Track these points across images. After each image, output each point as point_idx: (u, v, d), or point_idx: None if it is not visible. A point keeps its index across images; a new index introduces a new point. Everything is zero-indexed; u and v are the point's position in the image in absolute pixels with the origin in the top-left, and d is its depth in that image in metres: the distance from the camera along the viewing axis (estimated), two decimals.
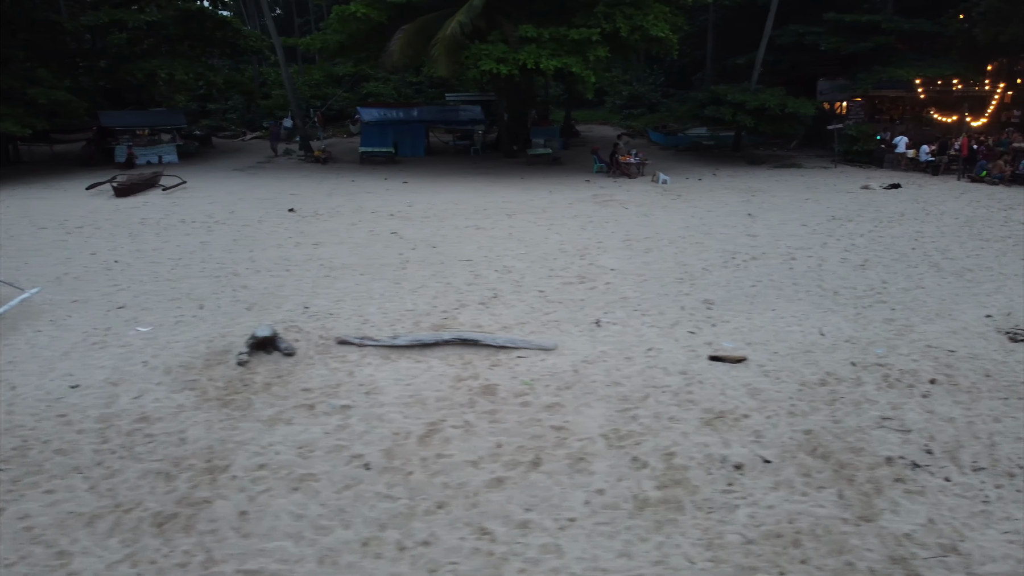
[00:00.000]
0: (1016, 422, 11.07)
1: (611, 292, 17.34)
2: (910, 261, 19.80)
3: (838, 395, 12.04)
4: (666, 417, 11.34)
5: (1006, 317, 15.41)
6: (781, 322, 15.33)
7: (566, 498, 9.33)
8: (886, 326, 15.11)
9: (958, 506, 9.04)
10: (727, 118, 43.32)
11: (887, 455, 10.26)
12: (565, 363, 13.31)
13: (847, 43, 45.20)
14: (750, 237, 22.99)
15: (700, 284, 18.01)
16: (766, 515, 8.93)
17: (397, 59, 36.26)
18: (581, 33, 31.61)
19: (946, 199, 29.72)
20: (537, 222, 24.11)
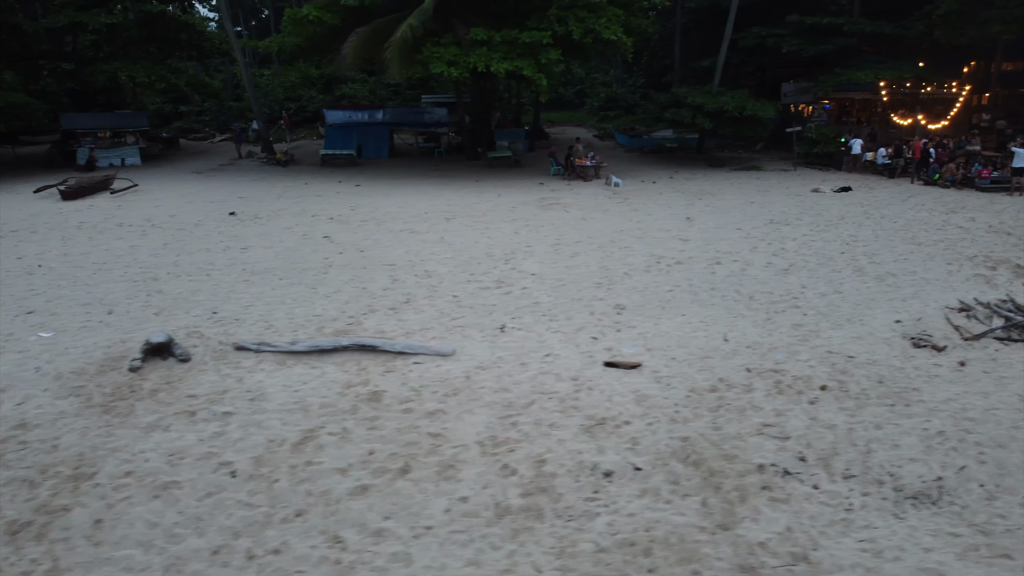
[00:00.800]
0: (897, 429, 11.01)
1: (525, 297, 17.22)
2: (835, 265, 19.75)
3: (725, 402, 11.96)
4: (546, 424, 11.24)
5: (916, 322, 15.36)
6: (688, 327, 15.25)
7: (427, 506, 9.24)
8: (793, 331, 15.05)
9: (820, 514, 8.97)
10: (687, 120, 43.38)
11: (760, 462, 10.18)
12: (459, 369, 13.22)
13: (809, 45, 45.08)
14: (681, 241, 22.92)
15: (617, 289, 17.91)
16: (625, 523, 8.85)
17: (350, 62, 36.19)
18: (532, 36, 31.53)
19: (892, 202, 29.68)
20: (474, 226, 24.03)
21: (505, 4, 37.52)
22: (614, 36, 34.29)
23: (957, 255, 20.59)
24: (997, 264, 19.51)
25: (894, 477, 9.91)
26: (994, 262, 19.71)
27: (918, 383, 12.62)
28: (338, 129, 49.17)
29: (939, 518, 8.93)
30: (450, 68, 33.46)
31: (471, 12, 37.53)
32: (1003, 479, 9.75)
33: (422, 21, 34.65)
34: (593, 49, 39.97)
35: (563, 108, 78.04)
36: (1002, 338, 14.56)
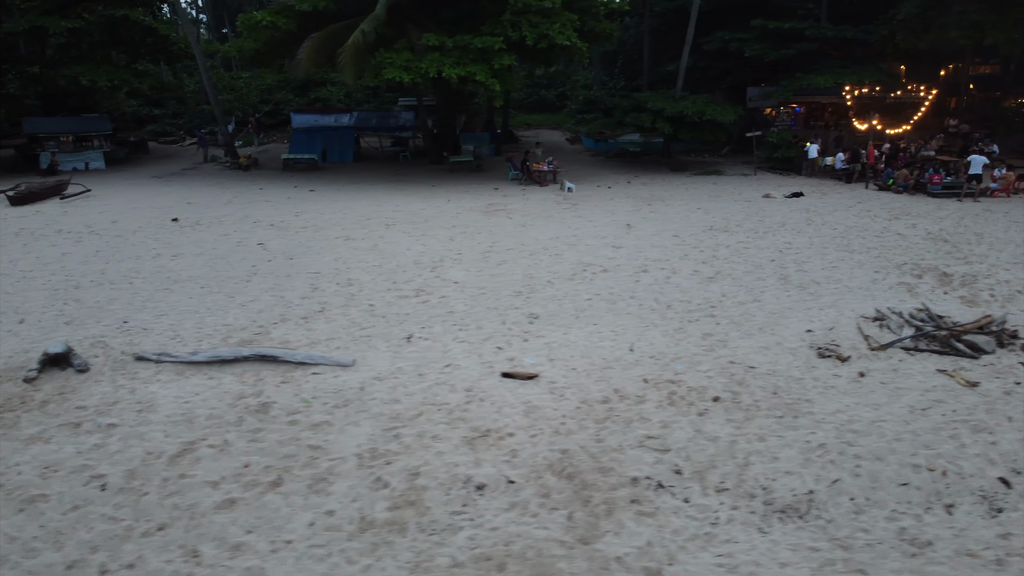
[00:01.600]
0: (780, 441, 10.98)
1: (442, 306, 17.18)
2: (761, 273, 19.73)
3: (614, 413, 11.91)
4: (430, 436, 11.22)
5: (827, 332, 15.36)
6: (596, 337, 15.21)
7: (291, 519, 9.18)
8: (701, 341, 15.02)
9: (684, 528, 8.94)
10: (647, 125, 43.21)
11: (635, 475, 10.15)
12: (355, 380, 13.18)
13: (771, 50, 45.11)
14: (614, 248, 22.88)
15: (536, 297, 17.85)
16: (486, 537, 8.81)
17: (305, 67, 36.05)
18: (485, 41, 31.43)
19: (838, 208, 29.74)
20: (411, 233, 24.00)
21: (460, 9, 37.39)
22: (567, 41, 34.19)
23: (887, 263, 20.57)
24: (924, 272, 19.50)
25: (767, 490, 9.82)
26: (922, 270, 19.69)
27: (812, 394, 12.54)
28: (303, 133, 49.11)
29: (803, 532, 8.86)
30: (403, 73, 33.15)
31: (426, 18, 37.45)
32: (874, 492, 9.70)
33: (374, 27, 34.57)
34: (554, 54, 39.59)
35: (544, 110, 77.75)
36: (909, 348, 14.51)
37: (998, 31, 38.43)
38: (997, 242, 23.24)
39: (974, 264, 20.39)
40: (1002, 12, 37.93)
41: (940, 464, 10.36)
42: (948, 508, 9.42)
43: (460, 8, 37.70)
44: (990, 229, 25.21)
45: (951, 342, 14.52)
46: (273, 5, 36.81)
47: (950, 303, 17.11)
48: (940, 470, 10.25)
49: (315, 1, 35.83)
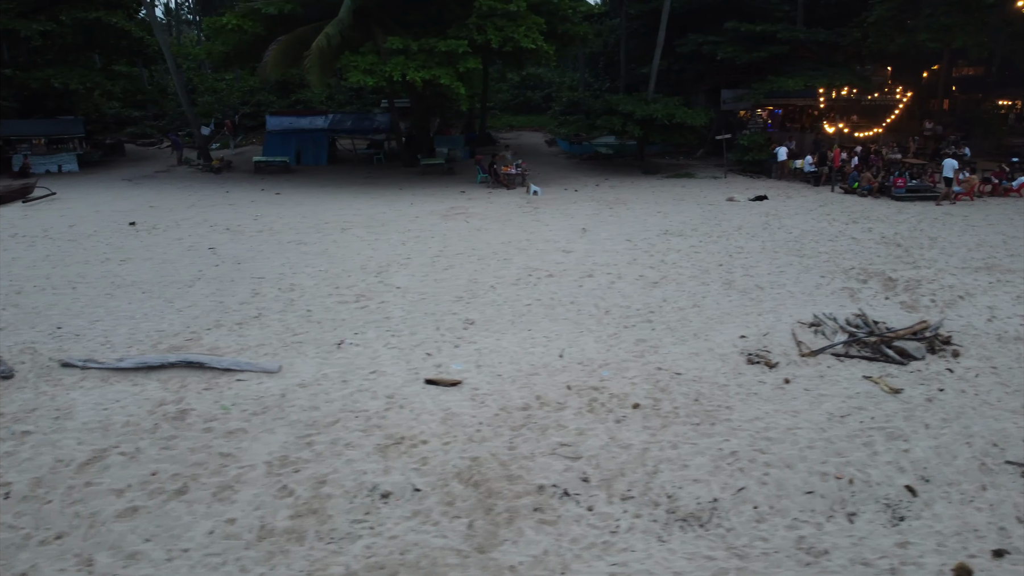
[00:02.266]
0: (693, 449, 11.00)
1: (379, 311, 17.17)
2: (707, 278, 19.77)
3: (532, 420, 11.91)
4: (343, 443, 11.19)
5: (761, 337, 15.38)
6: (528, 343, 15.20)
7: (192, 528, 9.14)
8: (634, 347, 15.05)
9: (583, 537, 8.91)
10: (617, 128, 43.13)
11: (541, 483, 10.13)
12: (278, 387, 13.14)
13: (743, 52, 45.11)
14: (564, 253, 22.88)
15: (476, 303, 17.86)
16: (383, 546, 8.80)
17: (271, 70, 35.97)
18: (449, 45, 31.54)
19: (799, 212, 29.79)
20: (365, 237, 24.11)
21: (426, 13, 37.36)
22: (532, 45, 34.21)
23: (834, 267, 20.62)
24: (870, 277, 19.55)
25: (672, 499, 9.82)
26: (868, 275, 19.73)
27: (734, 401, 12.56)
28: (277, 135, 49.05)
29: (701, 541, 8.86)
30: (366, 77, 33.11)
31: (393, 21, 37.41)
32: (779, 501, 9.70)
33: (339, 30, 34.58)
34: (524, 57, 39.56)
35: (531, 112, 77.59)
36: (840, 354, 14.51)
37: (966, 34, 38.41)
38: (950, 246, 23.27)
39: (922, 269, 20.38)
40: (970, 15, 37.81)
41: (848, 472, 10.34)
42: (850, 516, 9.41)
43: (426, 11, 37.69)
44: (945, 233, 25.24)
45: (882, 348, 14.54)
46: (239, 8, 36.46)
47: (890, 309, 17.09)
48: (847, 478, 10.21)
49: (281, 4, 35.72)
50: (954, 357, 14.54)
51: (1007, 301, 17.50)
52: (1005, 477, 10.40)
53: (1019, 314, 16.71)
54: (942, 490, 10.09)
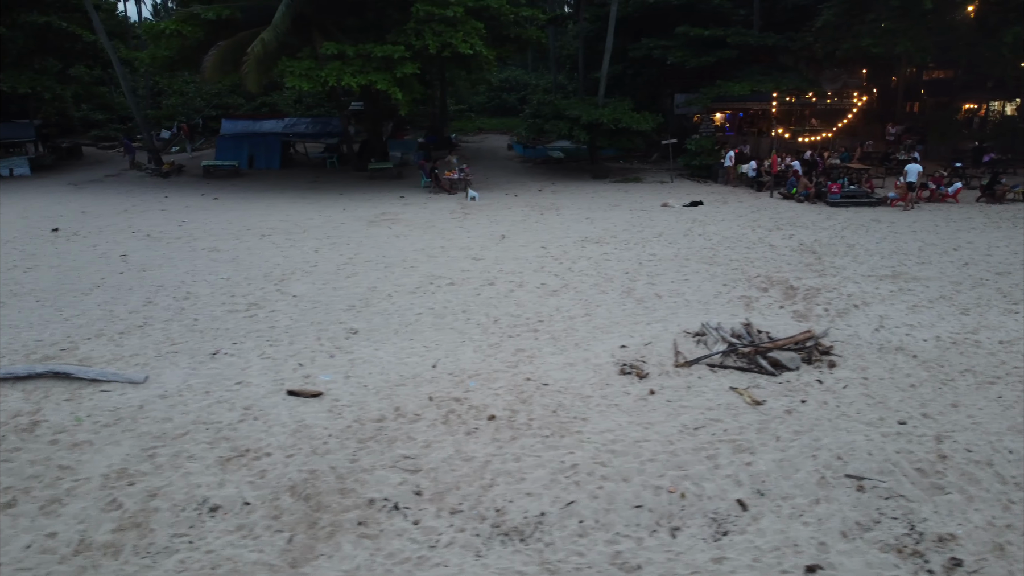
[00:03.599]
0: (535, 461, 11.02)
1: (267, 321, 17.12)
2: (608, 286, 19.80)
3: (383, 432, 11.90)
4: (186, 456, 11.12)
5: (642, 347, 15.43)
6: (406, 353, 15.18)
7: (10, 541, 9.07)
8: (510, 357, 15.05)
9: (400, 551, 8.91)
10: (564, 132, 43.11)
11: (373, 497, 10.09)
12: (139, 398, 13.08)
13: (692, 57, 45.18)
14: (473, 260, 22.86)
15: (367, 312, 17.84)
16: (197, 560, 8.77)
17: (209, 75, 35.89)
18: (385, 50, 31.63)
19: (728, 218, 29.90)
20: (281, 244, 24.30)
21: (365, 18, 37.32)
22: (470, 50, 34.14)
23: (740, 276, 20.65)
24: (772, 285, 19.57)
25: (500, 512, 9.79)
26: (771, 283, 19.77)
27: (592, 413, 12.53)
28: (230, 139, 48.96)
29: (518, 556, 8.84)
30: (302, 82, 33.04)
31: (334, 26, 37.38)
32: (606, 515, 9.69)
33: (275, 35, 34.57)
34: (473, 62, 39.48)
35: (506, 114, 77.40)
36: (714, 365, 14.45)
37: (908, 39, 38.54)
38: (864, 254, 23.35)
39: (827, 277, 20.42)
40: (912, 20, 37.97)
41: (683, 486, 10.33)
42: (674, 531, 9.40)
43: (365, 17, 37.59)
44: (864, 240, 25.34)
45: (756, 359, 14.47)
46: (178, 13, 36.35)
47: (781, 318, 17.14)
48: (679, 492, 10.06)
49: (219, 10, 35.71)
50: (829, 368, 14.49)
51: (901, 311, 17.49)
52: (841, 491, 10.41)
53: (909, 323, 16.68)
54: (775, 504, 10.05)
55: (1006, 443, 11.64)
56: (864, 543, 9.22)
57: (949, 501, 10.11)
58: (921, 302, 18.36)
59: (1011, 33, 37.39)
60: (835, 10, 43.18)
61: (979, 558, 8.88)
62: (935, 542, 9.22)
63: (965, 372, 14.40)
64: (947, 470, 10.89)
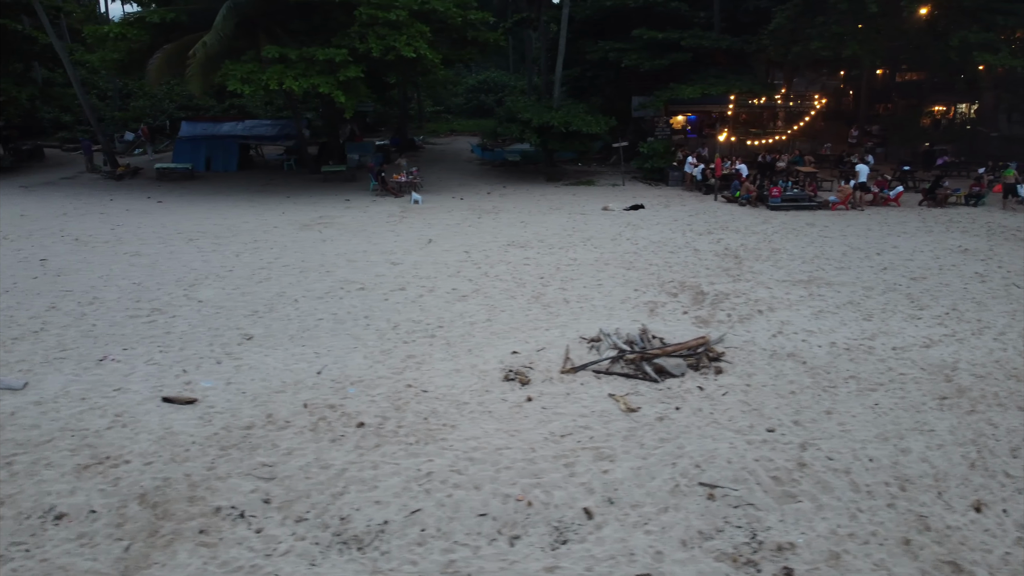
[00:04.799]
0: (392, 469, 11.16)
1: (165, 326, 17.11)
2: (519, 292, 19.90)
3: (248, 440, 12.00)
4: (44, 463, 11.14)
5: (534, 353, 15.56)
6: (295, 359, 15.26)
7: None
8: (399, 363, 15.18)
9: (234, 560, 9.04)
10: (516, 135, 43.13)
11: (221, 505, 10.12)
12: (12, 404, 13.06)
13: (646, 60, 45.20)
14: (391, 265, 22.87)
15: (269, 317, 17.88)
16: (29, 569, 8.82)
17: (154, 78, 35.94)
18: (327, 53, 31.63)
19: (663, 222, 30.02)
20: (205, 248, 24.46)
21: (311, 22, 37.18)
22: (413, 53, 34.08)
23: (654, 281, 20.77)
24: (683, 290, 19.71)
25: (344, 520, 9.84)
26: (683, 288, 19.91)
27: (462, 420, 12.61)
28: (187, 142, 48.76)
29: (352, 564, 8.92)
30: (243, 85, 33.01)
31: (280, 29, 37.30)
32: (449, 523, 9.75)
33: (218, 39, 34.45)
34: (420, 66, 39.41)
35: (484, 116, 77.19)
36: (600, 371, 14.47)
37: (856, 43, 38.69)
38: (787, 258, 23.52)
39: (741, 282, 20.52)
40: (860, 24, 38.17)
41: (534, 494, 10.31)
42: (513, 539, 9.44)
43: (312, 20, 37.43)
44: (791, 244, 25.48)
45: (642, 365, 14.50)
46: (124, 16, 36.24)
47: (681, 324, 17.27)
48: (527, 500, 10.09)
49: (164, 13, 35.70)
50: (716, 374, 14.58)
51: (805, 316, 17.62)
52: (691, 499, 10.51)
53: (808, 329, 16.77)
54: (622, 512, 10.12)
55: (869, 451, 11.76)
56: (702, 552, 9.29)
57: (798, 510, 10.21)
58: (828, 308, 18.35)
59: (957, 37, 37.36)
60: (788, 13, 43.20)
61: (812, 567, 8.98)
62: (773, 551, 9.31)
63: (849, 379, 14.40)
64: (803, 478, 10.99)
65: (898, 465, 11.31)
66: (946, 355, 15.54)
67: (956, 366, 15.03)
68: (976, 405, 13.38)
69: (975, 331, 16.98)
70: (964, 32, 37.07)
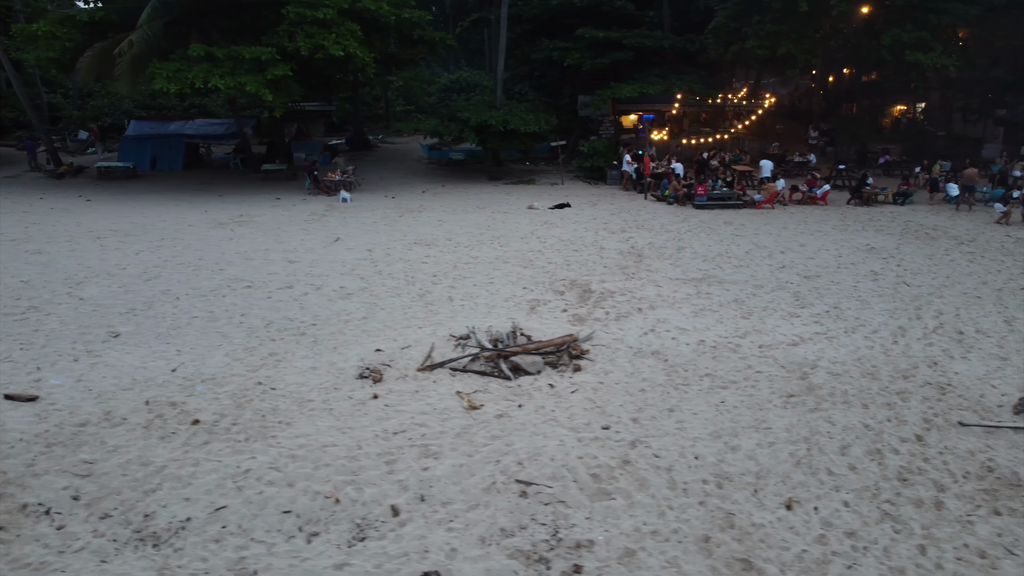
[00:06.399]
0: (213, 466, 11.20)
1: (36, 324, 17.11)
2: (407, 290, 20.07)
3: (78, 437, 11.93)
4: None
5: (399, 351, 15.64)
6: (154, 357, 15.35)
7: None
8: (258, 361, 15.26)
9: (26, 556, 8.99)
10: (455, 134, 43.18)
11: (29, 501, 10.13)
12: None
13: (588, 59, 45.30)
14: (288, 263, 22.84)
15: (146, 315, 17.91)
16: None
17: (84, 77, 35.94)
18: (254, 52, 31.39)
19: (580, 220, 30.18)
20: (109, 246, 24.36)
21: (241, 21, 37.12)
22: (341, 52, 34.04)
23: (547, 279, 20.88)
24: (571, 289, 19.82)
25: (148, 517, 9.84)
26: (571, 286, 20.04)
27: (300, 417, 12.66)
28: (133, 141, 48.62)
29: (142, 562, 8.94)
30: (169, 84, 32.96)
31: (213, 28, 37.21)
32: (253, 520, 9.86)
33: (144, 37, 34.37)
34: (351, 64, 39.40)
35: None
36: (457, 368, 14.55)
37: (791, 41, 38.88)
38: (689, 256, 23.74)
39: (633, 280, 20.63)
40: (795, 23, 38.36)
41: (346, 491, 10.30)
42: (311, 536, 9.45)
43: (241, 20, 37.41)
44: (699, 243, 25.72)
45: (499, 363, 14.54)
46: (51, 15, 36.16)
47: (557, 322, 17.39)
48: (335, 497, 10.08)
49: (92, 12, 35.63)
50: (574, 372, 14.63)
51: (684, 314, 17.75)
52: (504, 496, 10.54)
53: (683, 327, 16.97)
54: (431, 509, 10.16)
55: (698, 449, 11.84)
56: (497, 549, 9.32)
57: (608, 507, 10.25)
58: (710, 306, 18.48)
59: (890, 35, 37.59)
60: (727, 12, 43.34)
61: (604, 565, 9.02)
62: (571, 548, 9.34)
63: (705, 376, 14.50)
64: (623, 476, 11.04)
65: (723, 463, 11.38)
66: (810, 353, 15.51)
67: (816, 364, 15.00)
68: (821, 403, 13.48)
69: (849, 329, 16.92)
70: (897, 31, 37.10)
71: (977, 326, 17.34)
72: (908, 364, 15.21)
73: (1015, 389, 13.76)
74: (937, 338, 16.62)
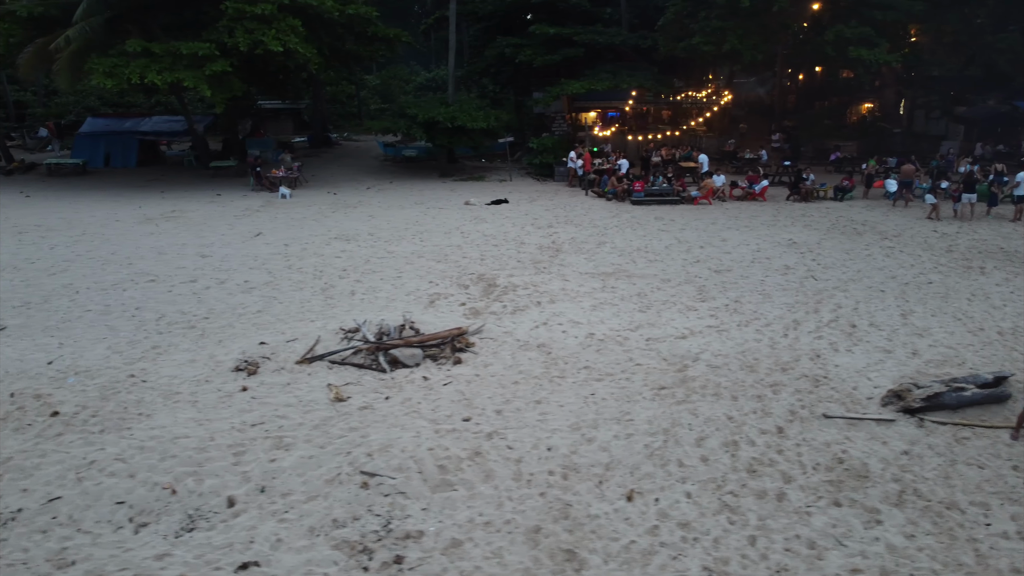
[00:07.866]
0: (60, 457, 11.18)
1: None
2: (312, 284, 20.30)
3: None
4: None
5: (284, 344, 15.67)
6: (33, 350, 15.46)
7: None
8: (140, 353, 15.37)
9: None
10: (403, 131, 43.19)
11: None
12: None
13: (539, 56, 45.29)
14: (201, 258, 22.74)
15: (41, 308, 17.79)
16: None
17: (24, 72, 35.82)
18: (191, 48, 31.74)
19: (512, 216, 30.26)
20: (27, 241, 24.96)
21: (182, 16, 37.07)
22: (280, 47, 33.96)
23: (456, 273, 21.03)
24: (476, 283, 19.94)
25: None
26: (477, 280, 20.13)
27: (161, 409, 12.75)
28: (87, 138, 48.40)
29: None
30: (106, 79, 32.87)
31: (154, 23, 37.30)
32: (84, 511, 9.90)
33: (82, 33, 34.28)
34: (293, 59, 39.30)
35: None
36: (335, 362, 14.55)
37: (736, 38, 38.99)
38: (607, 250, 23.96)
39: (542, 274, 20.74)
40: (740, 19, 38.47)
41: (187, 483, 10.28)
42: (140, 527, 9.58)
43: (182, 15, 37.34)
44: (622, 237, 25.91)
45: (377, 356, 14.58)
46: None
47: (452, 315, 17.51)
48: (172, 488, 10.09)
49: (31, 8, 35.38)
50: (454, 365, 14.66)
51: (582, 308, 17.87)
52: (345, 488, 10.58)
53: (576, 321, 17.03)
54: (269, 500, 10.18)
55: (553, 440, 11.88)
56: (324, 540, 9.35)
57: (447, 498, 10.31)
58: (611, 300, 18.55)
59: (833, 31, 37.78)
60: (676, 9, 43.48)
61: (427, 555, 9.07)
62: (399, 539, 9.37)
63: (583, 369, 14.58)
64: (471, 467, 11.10)
65: (575, 454, 11.44)
66: (695, 346, 15.59)
67: (698, 357, 15.08)
68: (691, 395, 13.56)
69: (742, 323, 17.03)
70: (840, 27, 37.27)
71: (872, 319, 17.44)
72: (791, 357, 15.37)
73: (890, 382, 13.77)
74: (828, 331, 16.73)
